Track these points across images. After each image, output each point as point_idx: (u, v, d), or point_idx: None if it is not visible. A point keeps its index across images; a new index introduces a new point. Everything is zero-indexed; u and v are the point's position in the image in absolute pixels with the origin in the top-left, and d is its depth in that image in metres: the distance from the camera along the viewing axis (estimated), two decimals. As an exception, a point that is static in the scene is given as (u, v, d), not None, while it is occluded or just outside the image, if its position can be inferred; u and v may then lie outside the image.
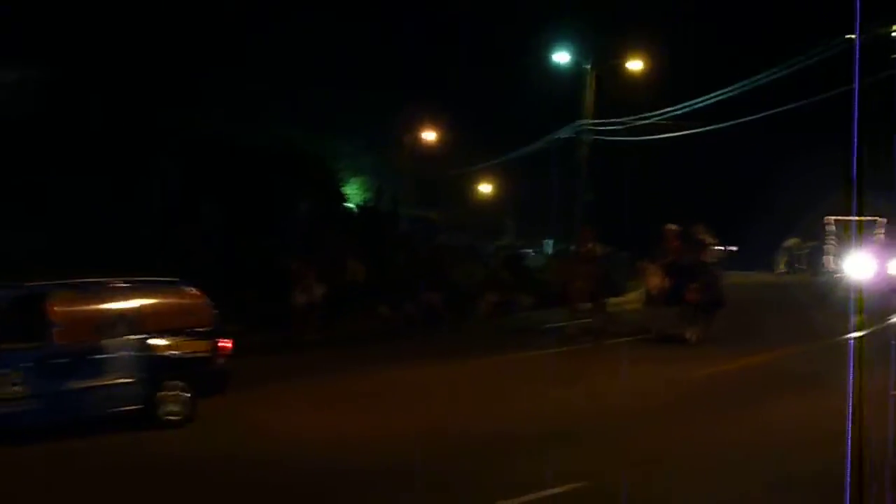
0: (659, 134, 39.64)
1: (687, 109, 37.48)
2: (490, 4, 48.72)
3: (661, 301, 24.36)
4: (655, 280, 24.70)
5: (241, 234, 25.51)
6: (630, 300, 36.15)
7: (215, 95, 32.52)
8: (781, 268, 55.69)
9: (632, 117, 40.86)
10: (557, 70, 43.23)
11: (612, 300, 34.83)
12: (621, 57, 42.24)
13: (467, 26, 48.60)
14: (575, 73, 42.50)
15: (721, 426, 13.56)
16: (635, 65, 42.05)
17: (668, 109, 38.90)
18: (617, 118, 41.10)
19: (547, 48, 43.10)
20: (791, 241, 56.24)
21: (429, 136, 53.09)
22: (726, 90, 35.22)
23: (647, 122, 40.11)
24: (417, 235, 39.45)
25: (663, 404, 15.17)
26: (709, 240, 23.86)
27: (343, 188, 41.82)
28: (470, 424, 13.52)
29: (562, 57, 42.36)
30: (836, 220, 45.83)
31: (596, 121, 41.79)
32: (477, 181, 55.88)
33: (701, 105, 36.77)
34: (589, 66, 41.75)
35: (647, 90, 41.89)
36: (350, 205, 40.32)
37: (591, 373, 18.10)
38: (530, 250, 45.42)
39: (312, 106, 38.57)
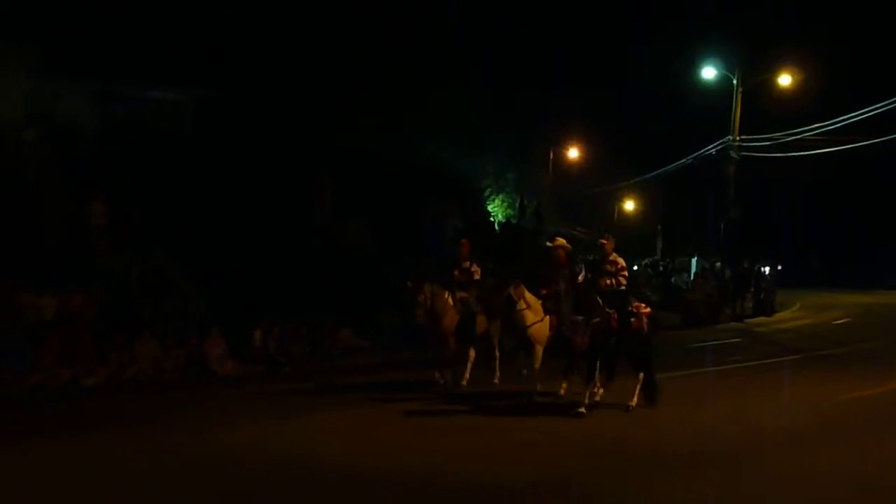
0: (810, 150, 38.68)
1: (840, 124, 36.49)
2: (638, 19, 48.42)
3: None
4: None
5: (389, 250, 25.72)
6: (782, 318, 35.38)
7: (362, 112, 33.08)
8: None
9: (781, 133, 40.01)
10: (705, 86, 42.68)
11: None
12: (771, 71, 41.46)
13: (613, 41, 48.36)
14: (723, 88, 41.87)
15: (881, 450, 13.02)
16: (785, 79, 41.23)
17: (819, 125, 37.96)
18: (767, 133, 40.28)
19: (695, 63, 42.62)
20: None
21: (572, 153, 53.06)
22: (884, 104, 34.13)
23: (797, 137, 39.20)
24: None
25: (814, 427, 14.65)
26: (619, 260, 16.03)
27: (487, 205, 41.99)
28: (622, 441, 13.32)
29: (709, 72, 41.85)
30: None
31: (744, 136, 41.04)
32: (621, 198, 55.55)
33: (856, 119, 35.73)
34: (736, 82, 41.08)
35: (798, 104, 40.97)
36: (494, 220, 40.44)
37: (738, 394, 17.63)
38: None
39: (457, 123, 38.83)
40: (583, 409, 14.68)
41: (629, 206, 56.47)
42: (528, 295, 16.31)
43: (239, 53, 29.81)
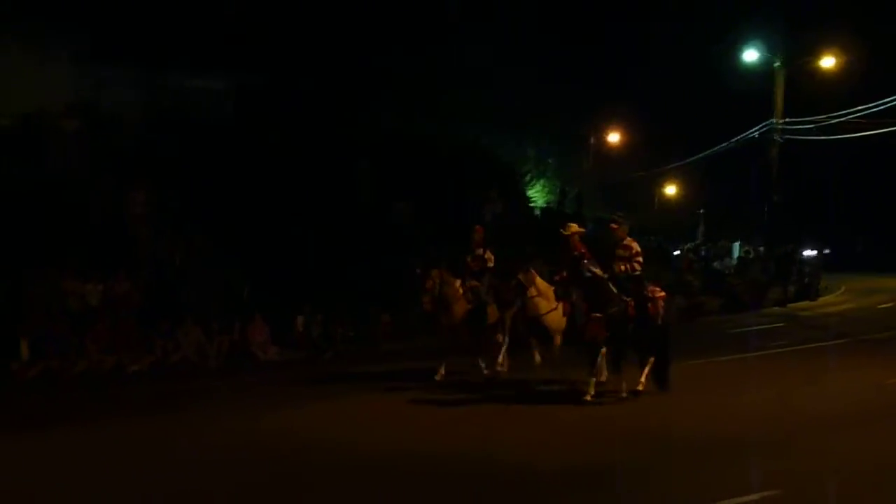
0: (854, 132, 38.24)
1: (885, 106, 36.05)
2: (680, 2, 48.00)
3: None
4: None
5: (430, 236, 25.72)
6: (826, 303, 35.09)
7: (404, 95, 33.16)
8: None
9: (825, 115, 39.62)
10: (747, 69, 42.31)
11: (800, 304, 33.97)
12: (814, 54, 41.03)
13: (656, 24, 48.00)
14: (765, 71, 41.50)
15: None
16: (828, 62, 40.79)
17: (863, 107, 37.52)
18: (810, 116, 39.90)
19: (736, 46, 42.27)
20: None
21: (613, 137, 52.75)
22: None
23: (841, 120, 38.79)
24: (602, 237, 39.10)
25: (859, 412, 14.49)
26: (634, 245, 15.33)
27: (527, 190, 41.90)
28: (667, 427, 13.27)
29: (751, 55, 41.50)
30: None
31: (787, 120, 40.68)
32: (663, 183, 55.19)
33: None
34: (778, 64, 40.72)
35: (842, 87, 40.49)
36: (534, 206, 40.36)
37: (783, 379, 17.50)
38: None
39: (499, 109, 38.78)
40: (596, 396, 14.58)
41: (671, 190, 56.07)
42: (539, 281, 15.86)
43: (279, 40, 29.92)
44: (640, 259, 15.26)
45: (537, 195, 43.57)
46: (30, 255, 19.11)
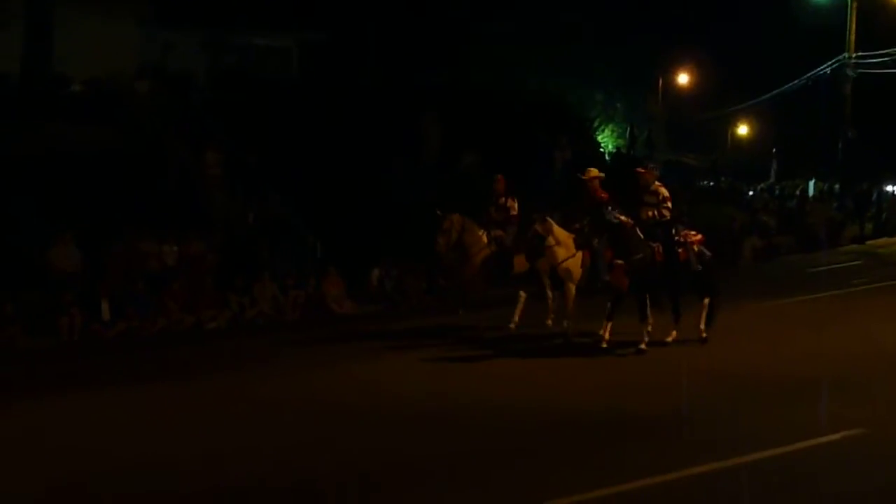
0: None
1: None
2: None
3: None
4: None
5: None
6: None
7: (470, 49, 33.03)
8: None
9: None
10: (818, 2, 41.41)
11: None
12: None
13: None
14: (836, 4, 40.55)
15: None
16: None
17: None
18: (884, 49, 38.95)
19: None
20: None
21: (682, 79, 52.04)
22: None
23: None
24: (673, 180, 38.72)
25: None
26: (662, 191, 14.88)
27: (596, 135, 41.59)
28: (744, 369, 13.15)
29: (821, -11, 40.64)
30: None
31: (860, 53, 39.75)
32: (734, 123, 54.42)
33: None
34: (850, -3, 39.81)
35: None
36: (604, 151, 40.05)
37: (864, 317, 17.24)
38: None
39: (565, 56, 38.46)
40: (643, 346, 14.28)
41: (742, 130, 55.28)
42: (557, 230, 15.24)
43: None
44: (669, 205, 14.85)
45: (607, 140, 43.24)
46: (107, 217, 19.41)
